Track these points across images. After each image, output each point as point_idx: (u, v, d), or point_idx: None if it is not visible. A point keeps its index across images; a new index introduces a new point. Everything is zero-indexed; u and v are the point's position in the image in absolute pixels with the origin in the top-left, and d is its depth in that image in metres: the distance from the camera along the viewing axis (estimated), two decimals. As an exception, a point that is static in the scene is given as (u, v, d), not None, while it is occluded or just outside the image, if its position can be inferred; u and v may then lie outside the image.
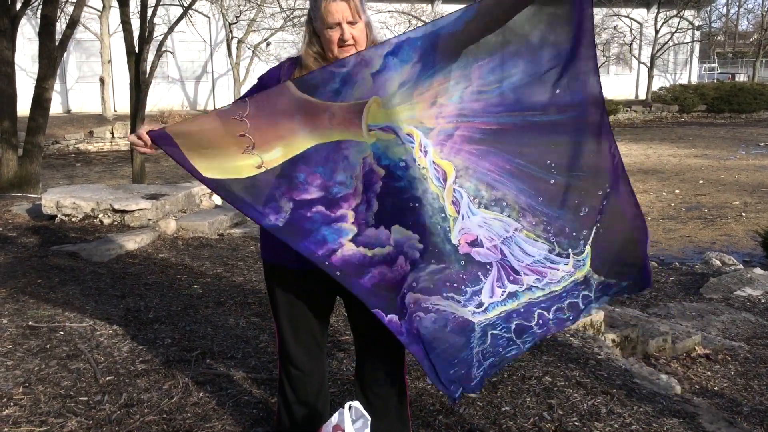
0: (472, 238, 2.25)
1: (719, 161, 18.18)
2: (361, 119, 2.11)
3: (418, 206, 2.17)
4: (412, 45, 2.11)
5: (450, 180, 2.21)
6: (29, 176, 9.41)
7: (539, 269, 2.35)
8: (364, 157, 2.13)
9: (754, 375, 4.21)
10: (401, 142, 2.13)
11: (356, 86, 2.09)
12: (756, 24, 43.94)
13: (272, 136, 2.11)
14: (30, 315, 3.90)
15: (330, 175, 2.13)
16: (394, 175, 2.15)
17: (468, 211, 2.24)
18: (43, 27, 9.36)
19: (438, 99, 2.16)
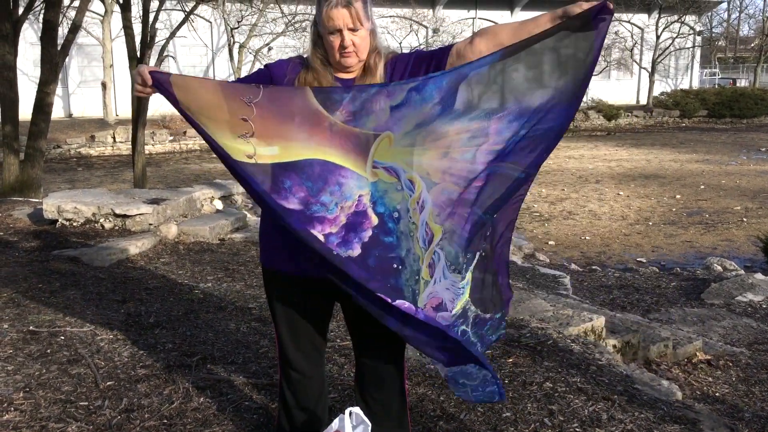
0: (438, 302, 2.15)
1: (720, 166, 18.18)
2: (368, 152, 2.04)
3: (401, 269, 2.08)
4: (437, 84, 2.04)
5: (434, 243, 2.11)
6: (31, 181, 9.41)
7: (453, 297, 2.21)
8: (361, 195, 2.05)
9: (756, 381, 4.20)
10: (401, 187, 2.05)
11: (373, 115, 2.03)
12: (757, 29, 44.00)
13: (274, 132, 2.02)
14: (31, 320, 3.90)
15: (316, 192, 2.03)
16: (386, 227, 2.07)
17: (441, 275, 2.14)
18: (45, 32, 9.38)
19: (451, 152, 2.07)
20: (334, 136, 2.03)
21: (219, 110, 2.01)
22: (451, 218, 2.13)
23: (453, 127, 2.06)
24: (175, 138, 23.04)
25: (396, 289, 2.08)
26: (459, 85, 2.05)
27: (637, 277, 7.22)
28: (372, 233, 2.05)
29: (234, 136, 2.01)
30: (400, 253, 2.08)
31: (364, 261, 2.05)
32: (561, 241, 10.58)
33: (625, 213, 12.58)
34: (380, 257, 2.06)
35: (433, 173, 2.07)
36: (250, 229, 6.74)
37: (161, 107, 24.98)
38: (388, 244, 2.06)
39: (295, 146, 2.03)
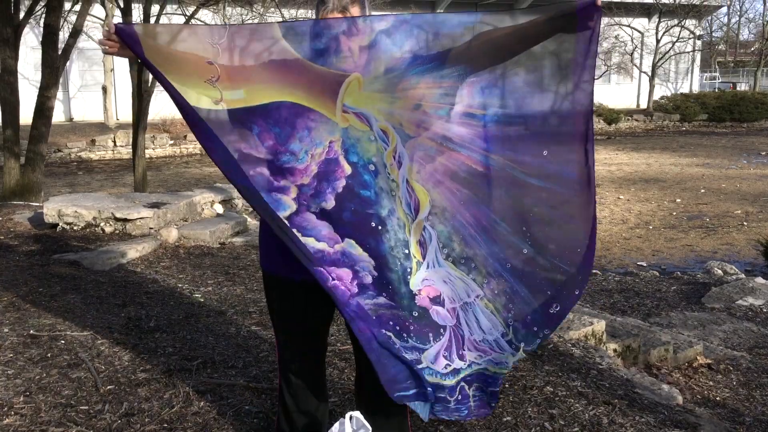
0: (435, 294, 2.04)
1: (721, 170, 18.18)
2: (338, 94, 1.94)
3: (381, 230, 1.97)
4: (408, 32, 1.97)
5: (423, 213, 2.01)
6: (31, 185, 9.42)
7: (485, 348, 2.11)
8: (332, 141, 1.96)
9: (757, 385, 4.19)
10: (374, 137, 1.96)
11: (341, 55, 1.94)
12: (757, 33, 44.04)
13: (240, 74, 1.95)
14: (31, 324, 3.90)
15: (285, 139, 1.94)
16: (361, 179, 1.97)
17: (434, 259, 2.04)
18: (46, 36, 9.39)
19: (423, 104, 2.00)
20: (302, 75, 1.94)
21: (189, 54, 1.94)
22: (439, 188, 2.02)
23: (423, 79, 2.00)
24: (175, 142, 23.05)
25: (379, 256, 1.97)
26: (432, 40, 1.99)
27: (637, 281, 7.22)
28: (345, 183, 1.96)
29: (201, 81, 1.94)
30: (380, 211, 1.97)
31: (339, 215, 1.96)
32: (561, 245, 10.55)
33: (626, 217, 12.58)
34: (356, 212, 1.96)
35: (406, 124, 1.99)
36: (250, 233, 6.74)
37: (162, 111, 25.01)
38: (365, 198, 1.96)
39: (261, 88, 1.95)
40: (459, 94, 2.04)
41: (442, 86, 2.02)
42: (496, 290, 2.10)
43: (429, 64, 2.00)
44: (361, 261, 1.99)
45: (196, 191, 7.79)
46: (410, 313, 2.04)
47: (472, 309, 2.08)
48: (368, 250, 1.98)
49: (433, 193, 2.02)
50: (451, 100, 2.03)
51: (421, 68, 1.99)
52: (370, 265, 1.99)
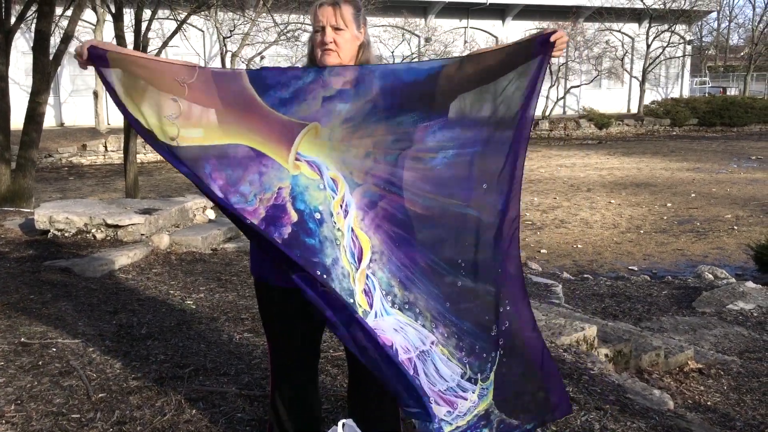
0: (388, 344, 2.00)
1: (711, 175, 18.28)
2: (293, 143, 1.99)
3: (326, 278, 1.97)
4: (372, 82, 2.04)
5: (365, 262, 2.02)
6: (22, 190, 9.38)
7: (451, 399, 2.08)
8: (280, 188, 1.99)
9: (747, 389, 4.21)
10: (323, 186, 2.00)
11: (304, 104, 2.01)
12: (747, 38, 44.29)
13: (202, 114, 1.98)
14: (22, 331, 3.88)
15: (235, 181, 1.97)
16: (306, 227, 1.99)
17: (381, 308, 2.03)
18: (37, 42, 9.37)
19: (374, 151, 2.05)
20: (262, 121, 1.99)
21: (156, 87, 1.97)
22: (378, 232, 2.05)
23: (379, 126, 2.05)
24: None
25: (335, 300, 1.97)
26: (395, 88, 2.05)
27: (628, 286, 7.25)
28: (291, 230, 1.98)
29: (161, 116, 1.97)
30: (324, 259, 1.98)
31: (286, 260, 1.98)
32: (553, 250, 10.61)
33: (617, 221, 12.63)
34: (301, 258, 1.97)
35: (356, 173, 2.03)
36: (242, 239, 6.73)
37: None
38: (309, 246, 1.98)
39: (220, 130, 1.99)
40: (409, 139, 2.09)
41: (396, 132, 2.07)
42: (445, 333, 2.10)
43: (386, 113, 2.06)
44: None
45: (188, 197, 7.77)
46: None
47: (431, 357, 2.07)
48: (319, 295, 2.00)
49: (373, 239, 2.05)
50: (402, 145, 2.08)
51: (378, 116, 2.05)
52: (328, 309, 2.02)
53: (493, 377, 2.16)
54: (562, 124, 30.55)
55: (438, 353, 2.08)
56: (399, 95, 2.07)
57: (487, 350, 2.14)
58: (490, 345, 2.15)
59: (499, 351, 2.17)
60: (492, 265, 2.15)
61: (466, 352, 2.11)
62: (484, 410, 2.17)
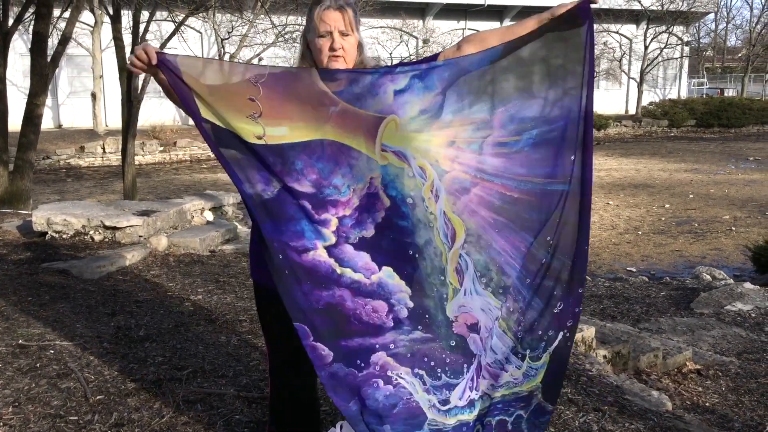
0: (473, 321, 2.10)
1: (709, 176, 18.30)
2: (376, 135, 2.03)
3: (418, 257, 2.05)
4: (439, 75, 2.07)
5: (458, 242, 2.07)
6: (20, 192, 9.38)
7: (495, 371, 2.15)
8: (372, 178, 2.04)
9: (745, 390, 4.21)
10: (413, 174, 2.05)
11: (377, 98, 2.04)
12: (744, 39, 44.42)
13: (282, 112, 2.01)
14: (20, 333, 3.87)
15: (328, 174, 2.03)
16: (399, 211, 2.05)
17: (472, 287, 2.09)
18: (34, 44, 9.36)
19: (456, 141, 2.08)
20: (342, 117, 2.03)
21: (231, 89, 2.00)
22: (474, 217, 2.09)
23: (456, 117, 2.08)
24: (165, 148, 23.01)
25: (415, 282, 2.04)
26: (462, 80, 2.08)
27: (627, 287, 7.25)
28: (385, 215, 2.04)
29: (243, 116, 2.00)
30: (417, 240, 2.05)
31: (379, 242, 2.04)
32: (551, 251, 10.59)
33: (615, 222, 12.64)
34: (395, 239, 2.04)
35: (442, 160, 2.07)
36: (240, 241, 6.73)
37: (151, 117, 24.96)
38: (403, 228, 2.05)
39: (304, 126, 2.02)
40: (489, 126, 2.12)
41: (473, 122, 2.11)
42: (511, 308, 2.15)
43: (460, 103, 2.10)
44: (397, 292, 2.05)
45: (186, 198, 7.77)
46: (447, 342, 2.09)
47: (492, 333, 2.15)
48: (405, 277, 2.06)
49: (468, 223, 2.09)
50: (483, 133, 2.11)
51: (451, 108, 2.09)
52: (407, 296, 2.06)
53: (547, 359, 2.19)
54: (560, 125, 30.52)
55: (497, 329, 2.14)
56: (467, 86, 2.09)
57: (546, 328, 2.17)
58: (551, 322, 2.17)
59: (564, 332, 2.19)
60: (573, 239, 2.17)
61: (524, 327, 2.16)
62: (528, 391, 2.20)
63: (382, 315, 2.06)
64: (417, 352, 2.07)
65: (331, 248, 2.04)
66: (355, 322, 2.06)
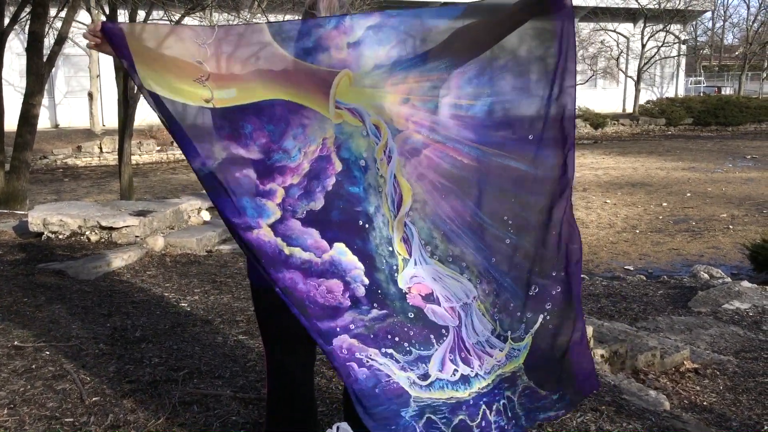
0: (427, 292, 2.02)
1: (706, 174, 18.31)
2: (329, 90, 1.93)
3: (368, 228, 1.96)
4: (395, 27, 1.97)
5: (404, 209, 2.00)
6: (16, 193, 9.35)
7: (479, 353, 2.08)
8: (325, 138, 1.94)
9: (743, 389, 4.21)
10: (366, 133, 1.96)
11: (329, 52, 1.93)
12: (741, 38, 44.47)
13: (230, 73, 1.92)
14: (16, 334, 3.86)
15: (278, 137, 1.92)
16: (351, 175, 1.96)
17: (420, 257, 2.01)
18: (30, 43, 9.34)
19: (411, 98, 2.00)
20: (293, 74, 1.93)
21: (177, 53, 1.91)
22: (422, 181, 2.01)
23: (411, 73, 2.00)
24: (162, 148, 22.96)
25: (366, 256, 1.95)
26: (418, 34, 2.00)
27: (624, 286, 7.24)
28: (335, 180, 1.95)
29: (190, 80, 1.90)
30: (367, 207, 1.96)
31: (328, 215, 1.94)
32: (549, 250, 10.58)
33: (612, 221, 12.64)
34: (344, 210, 1.95)
35: (395, 119, 1.99)
36: (237, 241, 6.71)
37: (148, 117, 24.89)
38: (353, 195, 1.95)
39: (253, 87, 1.93)
40: (446, 86, 2.04)
41: (430, 79, 2.02)
42: (486, 290, 2.10)
43: (415, 59, 2.00)
44: (351, 269, 1.96)
45: (182, 198, 7.76)
46: (405, 315, 2.00)
47: (471, 311, 2.07)
48: (357, 251, 1.96)
49: (416, 187, 2.01)
50: (440, 92, 2.04)
51: (407, 63, 1.99)
52: (361, 272, 1.96)
53: (530, 340, 2.14)
54: (557, 124, 30.53)
55: (476, 308, 2.08)
56: (425, 41, 2.01)
57: (523, 309, 2.12)
58: (526, 304, 2.12)
59: (543, 314, 2.14)
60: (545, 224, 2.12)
61: (499, 308, 2.10)
62: (511, 372, 2.14)
63: (338, 295, 1.96)
64: (379, 332, 1.98)
65: (277, 224, 1.92)
66: (310, 305, 1.96)
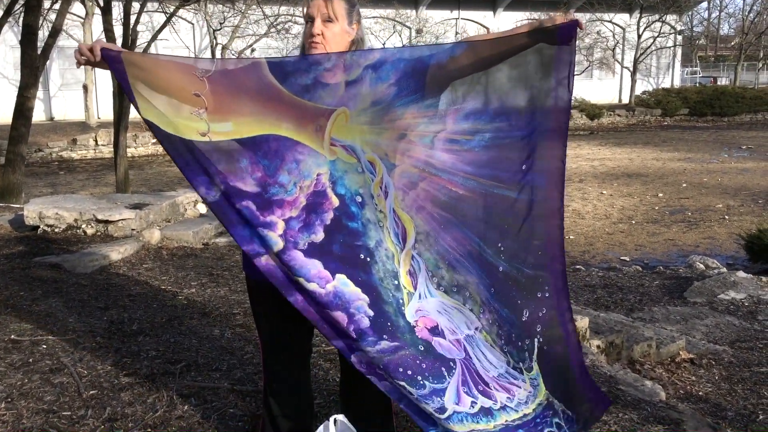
0: (432, 325, 2.01)
1: (702, 164, 18.33)
2: (325, 128, 1.96)
3: (370, 261, 1.97)
4: (394, 65, 2.00)
5: (410, 242, 2.02)
6: (11, 186, 9.34)
7: (506, 385, 2.08)
8: (319, 174, 1.96)
9: (738, 379, 4.23)
10: (362, 169, 1.98)
11: (328, 90, 1.97)
12: (737, 28, 44.41)
13: (228, 106, 1.93)
14: (12, 328, 3.86)
15: (273, 171, 1.93)
16: (348, 211, 1.97)
17: (425, 290, 2.02)
18: (24, 36, 9.30)
19: (408, 133, 2.03)
20: (289, 109, 1.95)
21: (176, 84, 1.92)
22: (421, 213, 2.04)
23: (409, 109, 2.02)
24: (157, 140, 22.90)
25: (371, 288, 1.96)
26: (418, 71, 2.02)
27: (620, 276, 7.26)
28: (333, 215, 1.96)
29: (186, 113, 1.92)
30: (368, 242, 1.97)
31: (329, 247, 1.95)
32: (545, 241, 10.59)
33: (609, 212, 12.66)
34: (345, 244, 1.96)
35: (391, 154, 2.01)
36: (234, 233, 6.70)
37: (144, 110, 24.78)
38: (352, 230, 1.97)
39: (249, 121, 1.94)
40: (443, 122, 2.08)
41: (427, 115, 2.06)
42: (489, 320, 2.11)
43: (413, 95, 2.04)
44: (354, 300, 1.96)
45: (179, 191, 7.74)
46: (416, 348, 1.99)
47: (476, 342, 2.07)
48: (360, 284, 1.97)
49: (416, 219, 2.04)
50: (435, 128, 2.07)
51: (405, 100, 2.02)
52: (365, 303, 1.96)
53: (538, 368, 2.15)
54: (553, 114, 30.52)
55: (482, 339, 2.08)
56: (423, 78, 2.03)
57: (521, 338, 2.13)
58: (523, 332, 2.14)
59: (537, 338, 2.15)
60: (531, 248, 2.14)
61: (505, 340, 2.12)
62: (546, 400, 2.16)
63: (343, 326, 1.97)
64: (389, 364, 1.97)
65: (281, 254, 1.94)
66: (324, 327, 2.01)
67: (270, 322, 2.35)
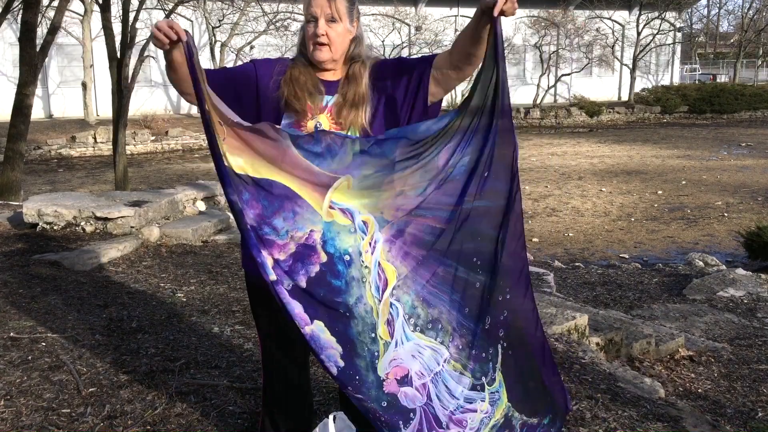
0: (403, 373, 2.08)
1: (701, 162, 18.34)
2: (326, 192, 2.05)
3: (349, 316, 2.04)
4: (397, 143, 2.10)
5: (388, 291, 2.07)
6: (10, 183, 9.33)
7: (459, 417, 2.13)
8: (313, 230, 2.04)
9: (737, 376, 4.23)
10: (354, 229, 2.06)
11: (337, 159, 2.06)
12: (736, 25, 44.42)
13: (242, 144, 2.00)
14: (11, 326, 3.86)
15: (270, 213, 2.01)
16: (335, 269, 2.04)
17: (402, 335, 2.08)
18: (23, 33, 9.28)
19: (405, 189, 2.11)
20: (297, 168, 2.04)
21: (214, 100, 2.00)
22: (407, 259, 2.10)
23: (408, 169, 2.11)
24: (157, 138, 22.90)
25: (347, 341, 2.02)
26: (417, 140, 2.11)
27: (619, 274, 7.27)
28: (319, 269, 2.03)
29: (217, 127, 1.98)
30: (348, 299, 2.04)
31: (311, 296, 2.02)
32: (544, 238, 10.63)
33: (608, 209, 12.67)
34: (325, 297, 2.03)
35: (386, 211, 2.09)
36: (233, 231, 6.70)
37: (143, 107, 24.83)
38: (335, 288, 2.03)
39: (260, 164, 2.02)
40: (436, 166, 2.13)
41: (424, 167, 2.12)
42: (460, 345, 2.14)
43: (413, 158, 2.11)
44: (327, 348, 2.02)
45: (178, 188, 7.73)
46: (379, 404, 2.06)
47: (442, 377, 2.12)
48: (336, 334, 2.03)
49: (400, 268, 2.09)
50: (429, 175, 2.12)
51: (406, 163, 2.10)
52: (337, 353, 2.02)
53: (501, 377, 2.18)
54: (553, 112, 30.56)
55: (449, 370, 2.13)
56: (422, 144, 2.12)
57: (484, 347, 2.16)
58: (485, 340, 2.16)
59: (500, 343, 2.18)
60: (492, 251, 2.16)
61: (474, 358, 2.15)
62: (503, 416, 2.19)
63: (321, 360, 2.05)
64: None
65: (273, 284, 2.01)
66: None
67: (269, 319, 2.35)
